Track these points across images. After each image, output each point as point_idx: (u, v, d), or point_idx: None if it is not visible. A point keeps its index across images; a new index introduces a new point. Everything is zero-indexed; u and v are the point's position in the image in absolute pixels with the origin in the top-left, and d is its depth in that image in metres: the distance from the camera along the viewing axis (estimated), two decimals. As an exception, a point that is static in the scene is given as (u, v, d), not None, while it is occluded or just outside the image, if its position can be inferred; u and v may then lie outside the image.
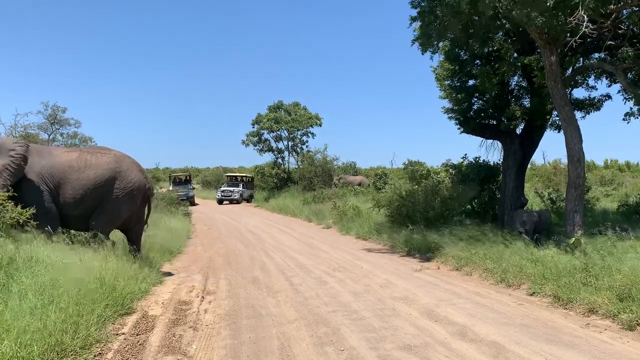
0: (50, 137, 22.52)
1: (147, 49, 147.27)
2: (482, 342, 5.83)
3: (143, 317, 7.10)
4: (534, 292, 8.20)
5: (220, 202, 39.60)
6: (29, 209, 8.76)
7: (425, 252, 12.54)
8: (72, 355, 5.18)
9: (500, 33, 14.26)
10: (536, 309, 7.38)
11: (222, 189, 41.22)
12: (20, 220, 8.63)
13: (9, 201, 8.70)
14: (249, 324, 6.79)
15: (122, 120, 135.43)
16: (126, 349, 5.74)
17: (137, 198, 10.29)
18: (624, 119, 14.26)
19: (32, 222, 8.71)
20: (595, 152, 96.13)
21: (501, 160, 16.16)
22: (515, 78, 15.93)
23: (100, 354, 5.51)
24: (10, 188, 8.89)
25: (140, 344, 5.93)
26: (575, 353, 5.42)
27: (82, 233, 9.66)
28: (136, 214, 10.49)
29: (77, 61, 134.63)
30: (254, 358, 5.45)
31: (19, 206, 8.73)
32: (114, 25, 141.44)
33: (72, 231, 9.39)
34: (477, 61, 15.59)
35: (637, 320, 6.23)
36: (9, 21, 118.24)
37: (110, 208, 9.84)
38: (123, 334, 6.29)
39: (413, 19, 13.70)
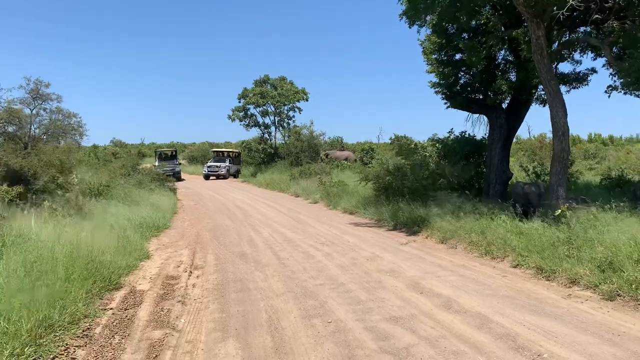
0: (33, 111, 22.05)
1: (133, 20, 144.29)
2: (467, 314, 5.94)
3: (131, 292, 7.11)
4: (517, 264, 8.33)
5: (206, 177, 39.39)
6: (16, 188, 8.69)
7: (412, 226, 12.64)
8: (60, 330, 5.19)
9: (488, 6, 14.17)
10: (520, 281, 7.52)
11: (209, 164, 40.94)
12: (6, 199, 8.57)
13: None
14: (237, 297, 6.85)
15: (107, 94, 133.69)
16: (114, 323, 5.76)
17: None
18: (605, 92, 14.43)
19: (18, 200, 8.65)
20: (579, 126, 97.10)
21: (487, 134, 16.24)
22: (502, 52, 15.91)
23: (88, 328, 5.53)
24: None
25: (128, 319, 5.96)
26: (557, 323, 5.55)
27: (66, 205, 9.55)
28: None
29: (60, 32, 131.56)
30: (243, 331, 5.51)
31: (5, 185, 8.66)
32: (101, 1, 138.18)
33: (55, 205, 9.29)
34: (464, 35, 15.52)
35: (617, 291, 6.38)
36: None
37: None
38: (111, 309, 6.31)
39: (402, -8, 13.53)
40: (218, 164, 40.32)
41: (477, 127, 18.04)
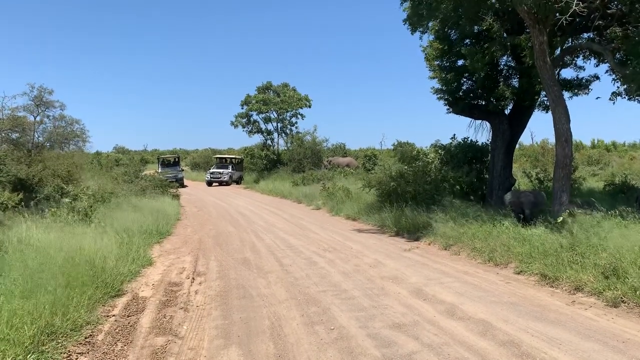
0: (37, 118, 22.13)
1: (134, 24, 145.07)
2: (470, 320, 5.91)
3: (133, 298, 7.11)
4: (521, 271, 8.30)
5: (209, 183, 39.48)
6: (18, 194, 8.72)
7: (415, 232, 12.62)
8: (62, 337, 5.19)
9: (490, 12, 14.19)
10: (523, 287, 7.48)
11: (211, 170, 41.05)
12: (9, 205, 8.60)
13: None
14: (239, 304, 6.83)
15: (109, 102, 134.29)
16: (117, 330, 5.75)
17: None
18: (610, 99, 14.37)
19: (21, 206, 8.67)
20: (582, 132, 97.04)
21: (490, 140, 16.22)
22: (505, 58, 15.92)
23: (91, 335, 5.52)
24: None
25: (130, 326, 5.95)
26: (561, 330, 5.51)
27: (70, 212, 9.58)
28: None
29: (61, 38, 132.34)
30: (245, 338, 5.49)
31: (7, 191, 8.68)
32: (101, 7, 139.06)
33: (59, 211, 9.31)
34: (467, 41, 15.53)
35: (621, 297, 6.35)
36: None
37: None
38: (113, 315, 6.30)
39: (404, -1, 13.57)
40: (221, 170, 40.41)
41: (480, 133, 17.93)
